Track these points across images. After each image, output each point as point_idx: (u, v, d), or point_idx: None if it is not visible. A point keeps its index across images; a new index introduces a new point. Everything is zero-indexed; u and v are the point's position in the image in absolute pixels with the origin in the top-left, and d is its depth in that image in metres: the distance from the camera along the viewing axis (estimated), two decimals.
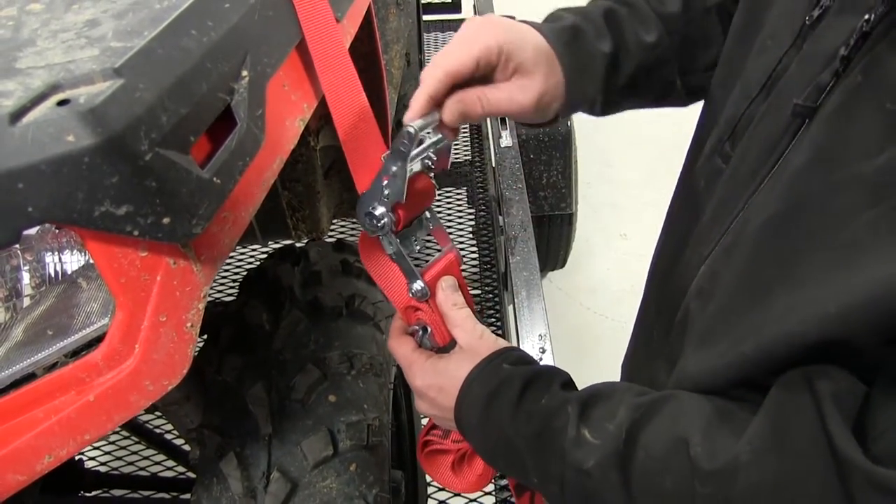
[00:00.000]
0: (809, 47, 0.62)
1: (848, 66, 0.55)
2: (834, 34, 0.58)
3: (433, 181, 0.78)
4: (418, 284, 0.76)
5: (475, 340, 0.76)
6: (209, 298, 0.74)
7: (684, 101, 0.90)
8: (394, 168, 0.70)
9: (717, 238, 0.67)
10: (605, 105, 0.84)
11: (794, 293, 0.54)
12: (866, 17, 0.53)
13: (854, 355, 0.52)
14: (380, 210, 0.71)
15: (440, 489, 1.68)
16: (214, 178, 0.61)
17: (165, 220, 0.56)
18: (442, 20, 3.92)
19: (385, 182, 0.70)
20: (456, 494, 1.78)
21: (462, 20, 3.88)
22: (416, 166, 0.72)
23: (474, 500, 1.76)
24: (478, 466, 0.90)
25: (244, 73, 0.66)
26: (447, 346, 0.79)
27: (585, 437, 0.63)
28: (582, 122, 2.80)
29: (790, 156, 0.59)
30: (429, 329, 0.79)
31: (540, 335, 1.64)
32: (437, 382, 0.76)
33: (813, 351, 0.53)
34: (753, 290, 0.59)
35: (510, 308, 1.77)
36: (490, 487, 1.77)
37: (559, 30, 0.80)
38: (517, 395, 0.68)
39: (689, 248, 0.75)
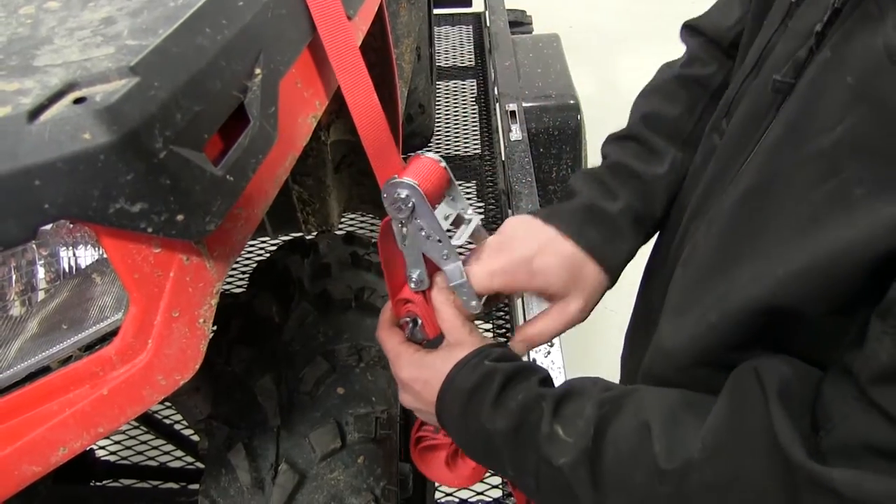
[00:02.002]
0: (793, 25, 0.63)
1: (821, 41, 0.55)
2: (813, 11, 0.59)
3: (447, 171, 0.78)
4: (418, 274, 0.76)
5: (463, 336, 0.76)
6: None
7: None
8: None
9: (706, 212, 0.68)
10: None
11: (756, 263, 0.55)
12: None
13: (802, 328, 0.53)
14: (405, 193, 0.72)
15: None
16: (227, 176, 0.61)
17: (179, 218, 0.57)
18: (452, 14, 3.91)
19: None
20: (462, 487, 1.79)
21: (472, 14, 3.88)
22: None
23: (481, 493, 1.77)
24: (471, 460, 0.90)
25: (257, 71, 0.66)
26: (436, 340, 0.79)
27: (558, 433, 0.64)
28: (592, 116, 2.79)
29: (770, 131, 0.60)
30: (419, 321, 0.79)
31: None
32: (422, 376, 0.76)
33: (770, 318, 0.54)
34: (724, 262, 0.60)
35: (518, 301, 1.78)
36: (497, 480, 1.79)
37: (572, 213, 0.82)
38: (497, 390, 0.69)
39: (679, 222, 0.76)
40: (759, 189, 0.57)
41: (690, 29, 0.93)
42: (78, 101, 0.53)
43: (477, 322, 0.81)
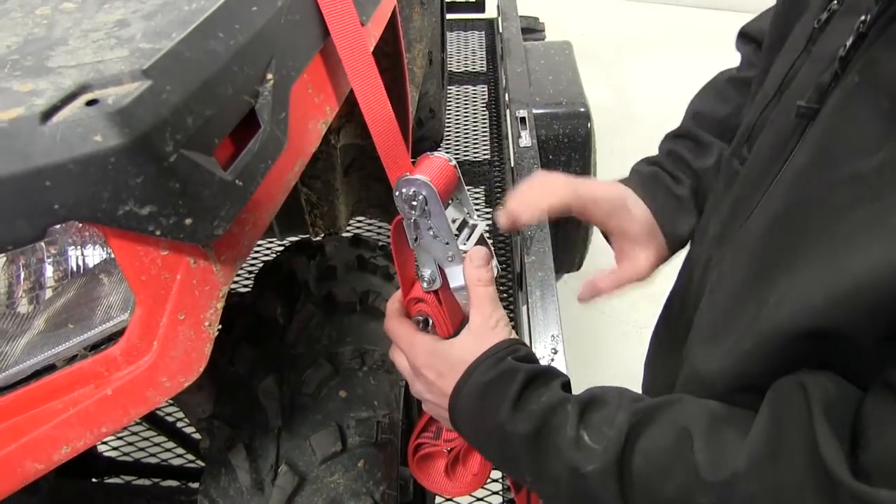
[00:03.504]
0: (816, 50, 0.63)
1: (846, 66, 0.56)
2: (837, 36, 0.59)
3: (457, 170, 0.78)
4: (430, 273, 0.76)
5: (487, 328, 0.73)
6: None
7: None
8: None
9: (731, 238, 0.68)
10: None
11: (790, 288, 0.55)
12: (862, 17, 0.54)
13: (846, 352, 0.52)
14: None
15: None
16: (237, 181, 0.62)
17: (188, 221, 0.57)
18: (465, 19, 3.91)
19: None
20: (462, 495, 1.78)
21: (485, 20, 3.88)
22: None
23: (481, 499, 1.77)
24: (473, 465, 0.90)
25: (269, 76, 0.67)
26: (448, 339, 0.78)
27: (584, 440, 0.63)
28: (601, 124, 2.79)
29: (796, 156, 0.60)
30: (430, 321, 0.79)
31: (552, 336, 1.64)
32: (437, 365, 0.74)
33: (809, 343, 0.53)
34: (755, 288, 0.59)
35: (524, 308, 1.78)
36: (497, 487, 1.78)
37: (644, 179, 0.91)
38: (518, 391, 0.68)
39: (708, 247, 0.76)
40: (789, 214, 0.57)
41: (743, 36, 0.97)
42: (90, 102, 0.53)
43: None
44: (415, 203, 0.71)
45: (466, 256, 0.75)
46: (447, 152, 2.95)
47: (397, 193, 0.71)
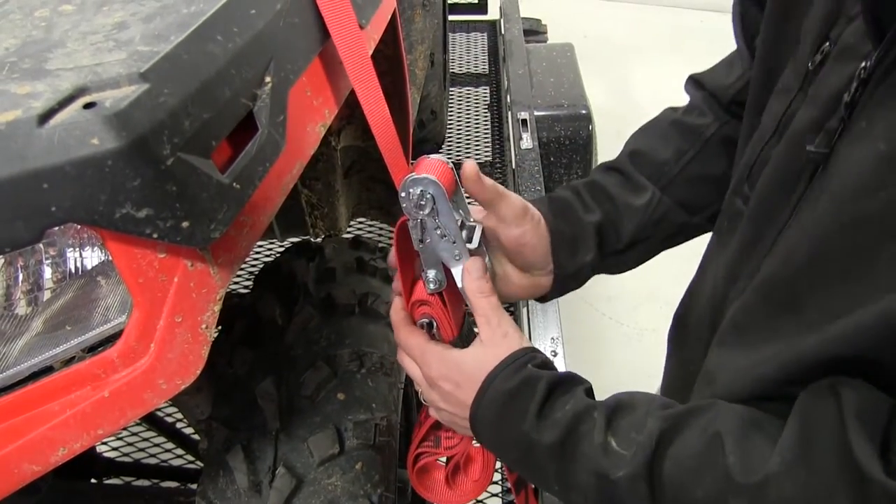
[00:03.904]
0: (814, 92, 0.63)
1: (853, 111, 0.56)
2: (836, 79, 0.60)
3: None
4: (435, 274, 0.76)
5: (498, 338, 0.74)
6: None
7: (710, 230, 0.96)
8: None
9: (749, 276, 0.68)
10: (613, 266, 0.92)
11: (821, 318, 0.56)
12: (863, 63, 0.55)
13: (876, 373, 0.53)
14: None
15: None
16: (234, 184, 0.62)
17: (185, 224, 0.57)
18: (467, 21, 3.91)
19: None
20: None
21: (487, 22, 3.88)
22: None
23: (481, 500, 1.77)
24: (474, 472, 0.90)
25: (267, 79, 0.67)
26: (453, 342, 0.79)
27: (612, 446, 0.63)
28: (603, 126, 2.79)
29: (808, 199, 0.61)
30: (434, 324, 0.79)
31: (552, 338, 1.64)
32: (452, 376, 0.74)
33: (838, 368, 0.55)
34: (784, 323, 0.60)
35: (524, 310, 1.78)
36: (497, 489, 1.78)
37: (549, 200, 0.88)
38: (542, 399, 0.68)
39: (716, 284, 0.76)
40: (809, 257, 0.58)
41: (694, 82, 0.96)
42: (88, 105, 0.53)
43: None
44: (423, 203, 0.71)
45: (464, 269, 0.75)
46: (448, 154, 2.96)
47: (403, 194, 0.71)
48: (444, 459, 0.93)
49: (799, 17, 0.70)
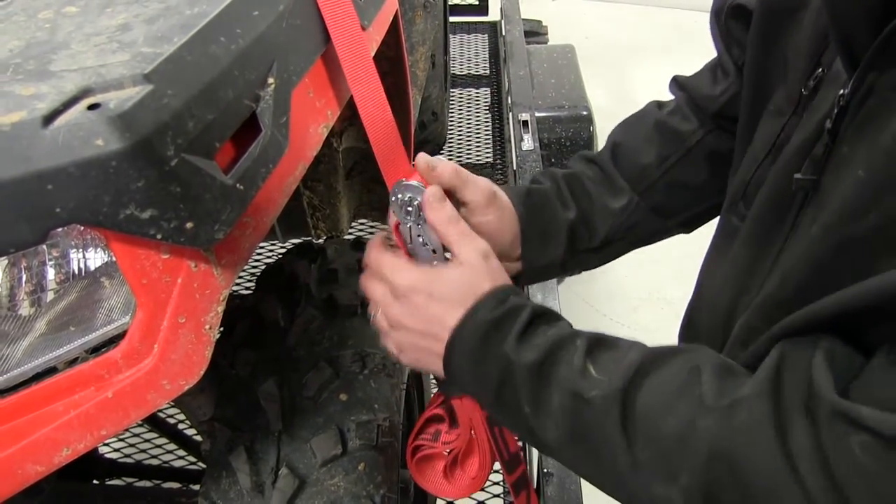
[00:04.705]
0: (807, 117, 0.65)
1: (835, 138, 0.58)
2: (824, 105, 0.61)
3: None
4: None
5: (479, 257, 0.71)
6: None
7: (687, 231, 0.96)
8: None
9: (756, 290, 0.68)
10: (581, 262, 0.92)
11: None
12: (841, 91, 0.56)
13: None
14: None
15: None
16: (238, 185, 0.62)
17: (188, 225, 0.57)
18: (468, 22, 3.92)
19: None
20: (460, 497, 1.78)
21: (488, 23, 3.89)
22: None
23: (481, 502, 1.77)
24: (471, 469, 0.90)
25: (270, 80, 0.67)
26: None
27: (591, 371, 0.63)
28: (605, 128, 2.80)
29: (801, 224, 0.63)
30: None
31: None
32: (427, 287, 0.70)
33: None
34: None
35: None
36: (498, 490, 1.79)
37: (526, 194, 0.87)
38: (525, 323, 0.66)
39: (721, 299, 0.77)
40: (808, 278, 0.59)
41: (677, 84, 0.96)
42: (92, 107, 0.53)
43: None
44: (409, 209, 0.71)
45: (424, 201, 0.73)
46: (449, 155, 2.96)
47: (393, 199, 0.72)
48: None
49: (786, 38, 0.71)
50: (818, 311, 0.55)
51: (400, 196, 0.71)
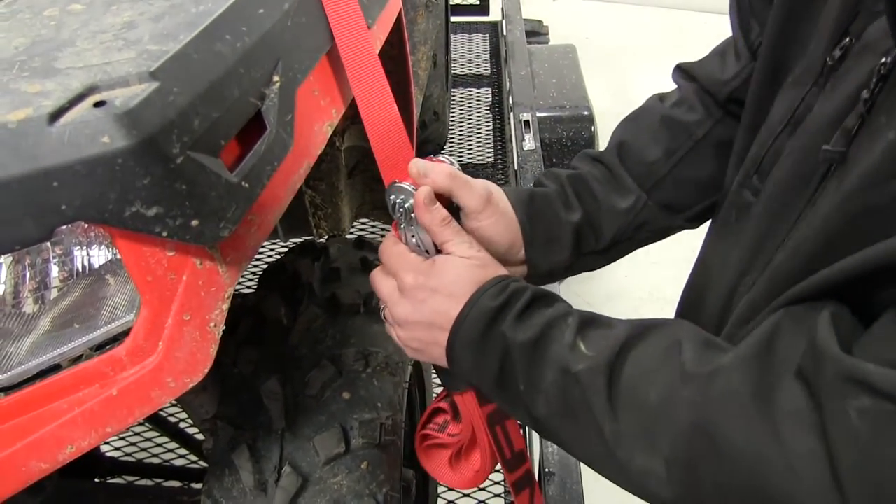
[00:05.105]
0: (832, 87, 0.63)
1: (872, 108, 0.56)
2: (856, 75, 0.60)
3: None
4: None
5: (473, 252, 0.73)
6: None
7: (694, 227, 0.94)
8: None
9: (760, 269, 0.68)
10: (587, 265, 0.92)
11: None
12: (883, 59, 0.55)
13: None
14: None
15: (450, 489, 1.69)
16: (243, 182, 0.62)
17: (194, 223, 0.57)
18: (469, 22, 3.92)
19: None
20: (465, 494, 1.79)
21: (489, 23, 3.88)
22: None
23: (483, 501, 1.77)
24: (475, 462, 0.90)
25: (276, 78, 0.67)
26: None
27: (580, 347, 0.64)
28: (606, 128, 2.79)
29: (822, 195, 0.61)
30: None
31: None
32: (430, 283, 0.72)
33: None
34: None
35: None
36: (499, 489, 1.79)
37: (529, 198, 0.86)
38: (524, 305, 0.68)
39: (725, 277, 0.76)
40: (823, 251, 0.58)
41: (683, 72, 0.94)
42: (98, 104, 0.53)
43: None
44: (401, 210, 0.71)
45: (415, 202, 0.73)
46: (451, 155, 2.95)
47: (389, 198, 0.72)
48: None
49: (812, 15, 0.69)
50: (827, 275, 0.54)
51: (393, 197, 0.72)
